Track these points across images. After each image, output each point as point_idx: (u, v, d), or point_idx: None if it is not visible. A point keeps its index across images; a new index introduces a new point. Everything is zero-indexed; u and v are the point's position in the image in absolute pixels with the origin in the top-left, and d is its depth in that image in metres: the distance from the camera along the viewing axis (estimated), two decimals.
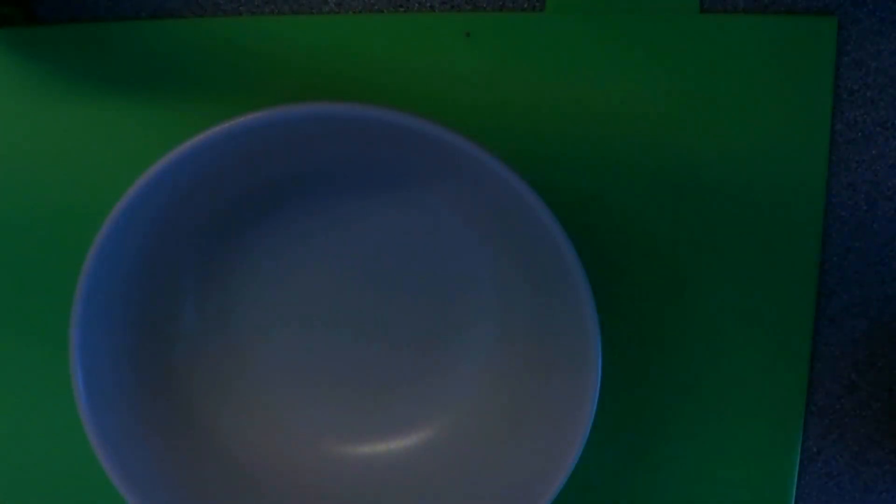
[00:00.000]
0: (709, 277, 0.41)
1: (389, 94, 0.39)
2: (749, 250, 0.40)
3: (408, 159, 0.37)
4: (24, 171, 0.40)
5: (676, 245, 0.40)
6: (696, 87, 0.39)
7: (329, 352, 0.41)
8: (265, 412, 0.41)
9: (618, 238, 0.40)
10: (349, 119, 0.34)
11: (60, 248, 0.40)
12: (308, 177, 0.38)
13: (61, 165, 0.40)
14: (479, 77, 0.39)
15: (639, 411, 0.42)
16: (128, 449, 0.36)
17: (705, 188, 0.40)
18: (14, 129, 0.40)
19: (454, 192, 0.38)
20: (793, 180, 0.40)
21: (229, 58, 0.39)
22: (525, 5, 0.39)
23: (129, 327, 0.38)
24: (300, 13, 0.39)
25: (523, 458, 0.38)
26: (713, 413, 0.41)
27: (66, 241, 0.40)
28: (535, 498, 0.36)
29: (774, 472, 0.42)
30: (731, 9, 0.39)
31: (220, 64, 0.39)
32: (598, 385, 0.35)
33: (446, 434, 0.41)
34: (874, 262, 0.41)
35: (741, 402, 0.41)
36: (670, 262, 0.41)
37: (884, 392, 0.42)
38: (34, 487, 0.43)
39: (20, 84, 0.39)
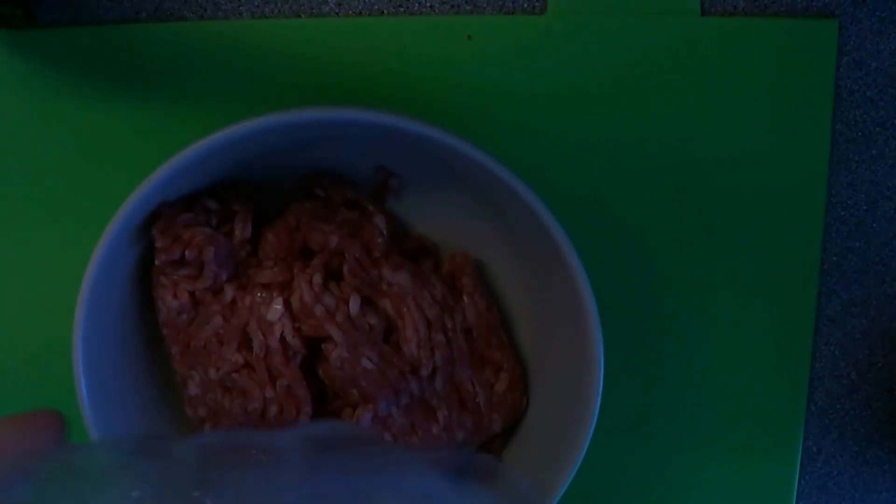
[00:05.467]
0: (709, 277, 0.41)
1: (389, 97, 0.39)
2: (749, 250, 0.41)
3: (408, 162, 0.37)
4: (25, 173, 0.40)
5: (677, 245, 0.41)
6: (697, 89, 0.39)
7: None
8: None
9: (619, 238, 0.40)
10: (350, 123, 0.34)
11: (62, 250, 0.40)
12: (307, 179, 0.38)
13: (61, 167, 0.40)
14: (481, 80, 0.39)
15: (639, 412, 0.42)
16: None
17: (706, 188, 0.40)
18: (15, 130, 0.39)
19: (455, 194, 0.38)
20: (793, 180, 0.40)
21: (229, 61, 0.39)
22: (526, 8, 0.39)
23: (131, 329, 0.38)
24: (300, 15, 0.39)
25: (525, 458, 0.38)
26: (713, 413, 0.42)
27: (67, 243, 0.40)
28: (540, 498, 0.36)
29: (774, 472, 0.42)
30: (732, 11, 0.39)
31: (220, 66, 0.39)
32: (601, 387, 0.35)
33: None
34: (874, 262, 0.41)
35: (741, 402, 0.42)
36: (670, 262, 0.41)
37: (884, 392, 0.42)
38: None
39: (21, 86, 0.39)
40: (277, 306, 0.35)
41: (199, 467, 0.23)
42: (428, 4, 0.39)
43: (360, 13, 0.39)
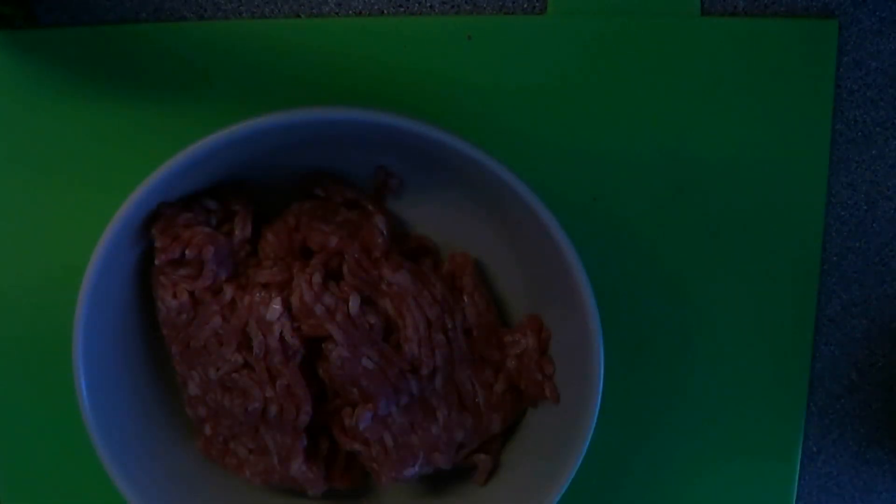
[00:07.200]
0: (708, 277, 0.41)
1: (389, 97, 0.39)
2: (749, 250, 0.41)
3: (408, 162, 0.37)
4: (25, 173, 0.40)
5: (677, 245, 0.41)
6: (698, 89, 0.39)
7: None
8: None
9: (620, 239, 0.40)
10: (350, 123, 0.34)
11: (62, 251, 0.40)
12: (307, 179, 0.38)
13: (61, 167, 0.40)
14: (481, 80, 0.39)
15: (639, 411, 0.42)
16: (130, 451, 0.37)
17: (706, 188, 0.40)
18: (15, 130, 0.39)
19: (454, 194, 0.38)
20: (793, 180, 0.40)
21: (229, 60, 0.39)
22: (526, 8, 0.39)
23: (131, 329, 0.38)
24: (300, 15, 0.39)
25: (525, 459, 0.38)
26: (714, 413, 0.42)
27: (67, 244, 0.40)
28: (539, 498, 0.36)
29: (774, 472, 0.42)
30: (732, 11, 0.39)
31: (220, 66, 0.39)
32: (600, 387, 0.35)
33: None
34: (874, 262, 0.41)
35: (741, 402, 0.42)
36: (671, 263, 0.41)
37: (884, 392, 0.42)
38: (36, 487, 0.43)
39: (21, 86, 0.39)
40: (276, 306, 0.35)
41: None
42: (428, 4, 0.39)
43: (360, 13, 0.39)
